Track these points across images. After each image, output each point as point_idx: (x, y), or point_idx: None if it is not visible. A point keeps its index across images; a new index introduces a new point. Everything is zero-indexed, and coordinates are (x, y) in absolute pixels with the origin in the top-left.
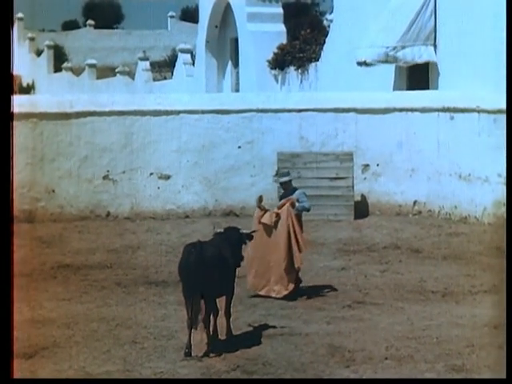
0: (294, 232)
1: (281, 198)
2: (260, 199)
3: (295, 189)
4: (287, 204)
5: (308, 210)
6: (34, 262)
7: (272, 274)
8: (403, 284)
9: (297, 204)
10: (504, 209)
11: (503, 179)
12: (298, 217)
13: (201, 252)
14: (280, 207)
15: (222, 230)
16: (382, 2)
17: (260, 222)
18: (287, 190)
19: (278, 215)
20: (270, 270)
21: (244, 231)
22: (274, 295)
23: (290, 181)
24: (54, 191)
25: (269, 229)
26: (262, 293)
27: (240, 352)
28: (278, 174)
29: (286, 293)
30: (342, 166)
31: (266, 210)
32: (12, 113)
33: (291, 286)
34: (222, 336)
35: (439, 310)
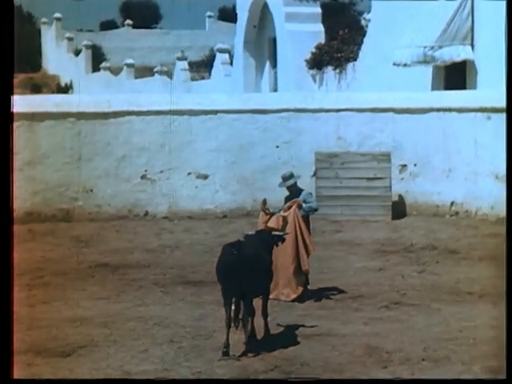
0: (302, 234)
1: (286, 201)
2: (264, 202)
3: (301, 190)
4: (294, 206)
5: (316, 209)
6: (71, 261)
7: (280, 277)
8: (440, 285)
9: (304, 205)
10: None
11: None
12: (305, 218)
13: (240, 252)
14: (286, 210)
15: (254, 233)
16: (420, 2)
17: (266, 227)
18: (293, 192)
19: (284, 218)
20: (278, 273)
21: (276, 233)
22: (283, 299)
23: (295, 183)
24: (91, 190)
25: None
26: (271, 297)
27: (277, 352)
28: (282, 179)
29: (294, 296)
30: (379, 167)
31: (271, 214)
32: (12, 113)
33: (300, 289)
34: (260, 336)
35: (476, 312)
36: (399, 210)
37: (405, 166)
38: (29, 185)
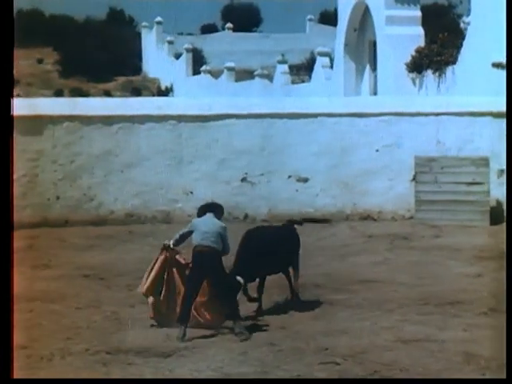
0: None
1: None
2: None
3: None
4: None
5: None
6: None
7: None
8: None
9: None
10: None
11: None
12: None
13: None
14: None
15: None
16: None
17: None
18: None
19: None
20: None
21: None
22: None
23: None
24: (191, 193)
25: None
26: None
27: (376, 357)
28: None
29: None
30: (477, 171)
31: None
32: (12, 115)
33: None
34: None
35: None
36: (497, 215)
37: (503, 170)
38: (129, 187)
